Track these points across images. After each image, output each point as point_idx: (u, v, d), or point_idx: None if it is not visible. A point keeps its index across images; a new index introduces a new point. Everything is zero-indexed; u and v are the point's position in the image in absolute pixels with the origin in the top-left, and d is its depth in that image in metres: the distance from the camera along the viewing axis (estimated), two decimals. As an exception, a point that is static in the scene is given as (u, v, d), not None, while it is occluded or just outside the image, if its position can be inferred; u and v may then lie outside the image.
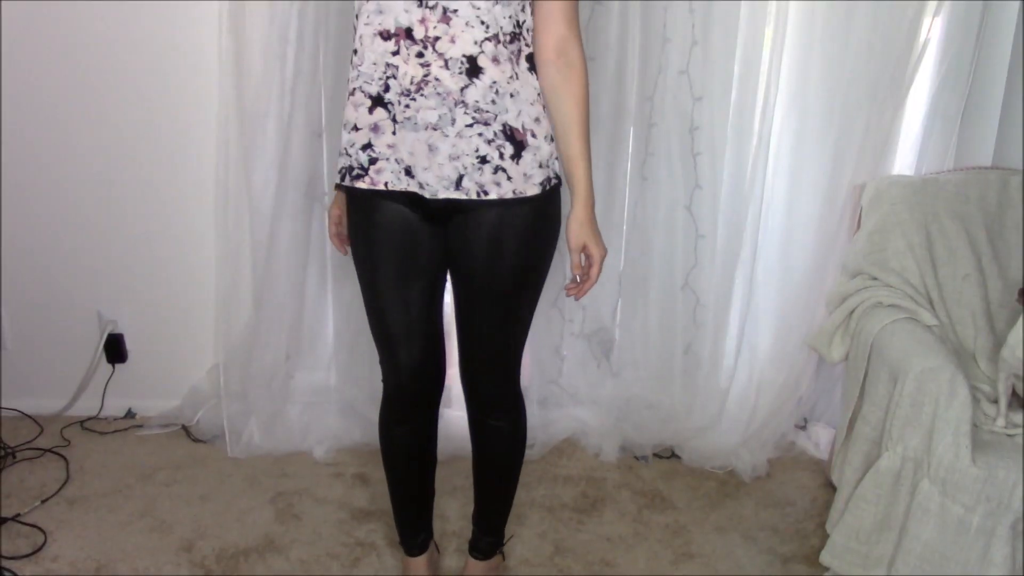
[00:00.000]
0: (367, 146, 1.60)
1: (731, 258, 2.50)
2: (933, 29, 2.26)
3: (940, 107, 2.37)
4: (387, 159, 1.59)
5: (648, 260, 2.57)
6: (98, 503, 2.35)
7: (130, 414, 2.77)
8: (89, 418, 2.74)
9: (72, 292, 2.66)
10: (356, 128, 1.59)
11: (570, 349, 2.68)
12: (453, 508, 2.31)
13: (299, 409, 2.65)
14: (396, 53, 1.52)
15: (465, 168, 1.56)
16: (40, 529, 2.22)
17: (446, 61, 1.51)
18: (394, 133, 1.56)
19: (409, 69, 1.52)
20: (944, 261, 2.20)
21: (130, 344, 2.72)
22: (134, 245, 2.61)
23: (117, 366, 2.73)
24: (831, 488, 2.33)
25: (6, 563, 2.09)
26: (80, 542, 2.19)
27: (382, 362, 1.78)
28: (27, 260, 2.62)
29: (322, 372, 2.68)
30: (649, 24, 2.36)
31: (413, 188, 1.59)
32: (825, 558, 1.97)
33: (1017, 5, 2.30)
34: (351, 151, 1.61)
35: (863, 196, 2.29)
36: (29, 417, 2.70)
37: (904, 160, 2.44)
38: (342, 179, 1.65)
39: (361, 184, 1.62)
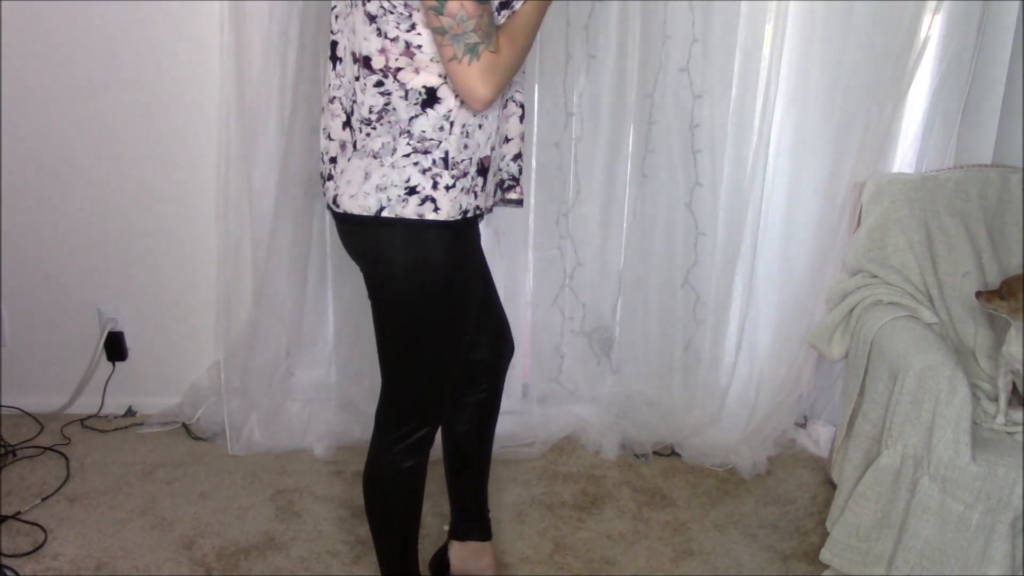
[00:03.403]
0: (518, 156, 1.61)
1: (731, 255, 2.50)
2: (933, 27, 2.26)
3: (940, 104, 2.36)
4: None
5: (648, 257, 2.57)
6: (98, 501, 2.35)
7: (130, 412, 2.77)
8: (89, 416, 2.74)
9: (72, 290, 2.66)
10: (508, 139, 1.58)
11: (570, 347, 2.68)
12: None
13: (299, 406, 2.65)
14: None
15: None
16: (40, 527, 2.22)
17: None
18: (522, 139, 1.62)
19: None
20: (944, 258, 2.20)
21: (130, 342, 2.72)
22: (134, 243, 2.61)
23: (117, 364, 2.74)
24: (831, 486, 2.33)
25: (7, 561, 2.09)
26: (80, 540, 2.19)
27: (443, 403, 1.71)
28: (27, 258, 2.62)
29: (322, 369, 2.68)
30: (649, 21, 2.35)
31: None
32: (825, 555, 1.97)
33: (1017, 3, 2.29)
34: (503, 164, 1.59)
35: (863, 193, 2.29)
36: (29, 415, 2.70)
37: (904, 157, 2.44)
38: (504, 194, 1.63)
39: (512, 195, 1.63)
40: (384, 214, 1.47)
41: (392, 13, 1.40)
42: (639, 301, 2.63)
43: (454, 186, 1.47)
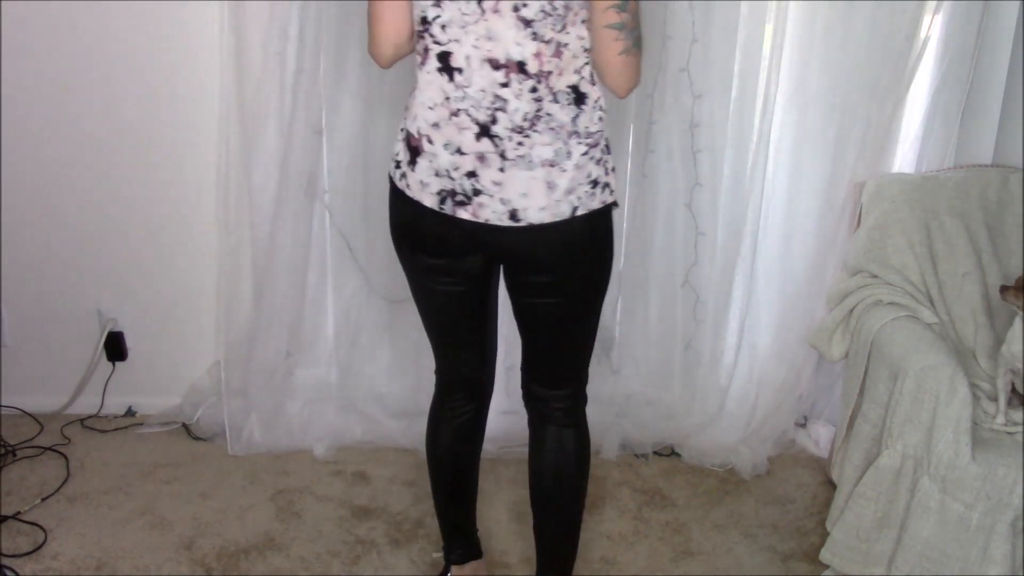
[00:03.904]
0: None
1: (731, 255, 2.50)
2: (933, 27, 2.26)
3: (940, 105, 2.36)
4: None
5: (648, 258, 2.57)
6: (98, 501, 2.35)
7: (130, 412, 2.77)
8: (89, 416, 2.73)
9: (72, 290, 2.65)
10: None
11: (570, 347, 2.68)
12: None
13: (299, 406, 2.65)
14: None
15: None
16: (40, 527, 2.22)
17: None
18: None
19: None
20: (944, 258, 2.20)
21: (130, 342, 2.72)
22: (134, 243, 2.61)
23: (117, 364, 2.73)
24: (831, 486, 2.33)
25: (7, 561, 2.09)
26: (80, 540, 2.19)
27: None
28: (27, 258, 2.61)
29: (322, 369, 2.68)
30: (649, 21, 2.34)
31: None
32: (825, 556, 1.97)
33: (1017, 4, 2.29)
34: None
35: (863, 193, 2.29)
36: (29, 415, 2.70)
37: (904, 158, 2.44)
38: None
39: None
40: (578, 212, 1.53)
41: (551, 16, 1.43)
42: (639, 301, 2.63)
43: (614, 168, 1.60)
